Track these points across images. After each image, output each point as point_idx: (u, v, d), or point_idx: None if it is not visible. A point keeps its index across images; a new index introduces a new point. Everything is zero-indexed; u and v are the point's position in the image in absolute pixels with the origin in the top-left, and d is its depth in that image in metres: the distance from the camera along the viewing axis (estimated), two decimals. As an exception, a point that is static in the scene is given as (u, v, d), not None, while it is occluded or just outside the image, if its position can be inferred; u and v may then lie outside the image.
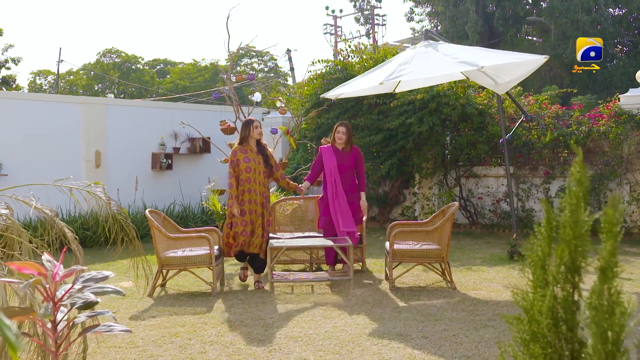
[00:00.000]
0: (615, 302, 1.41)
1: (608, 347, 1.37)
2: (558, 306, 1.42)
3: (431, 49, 8.11)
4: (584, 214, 1.44)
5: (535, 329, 1.44)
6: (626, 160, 10.99)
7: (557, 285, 1.42)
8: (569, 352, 1.40)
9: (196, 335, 5.61)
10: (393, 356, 4.94)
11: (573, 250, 1.42)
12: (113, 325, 2.46)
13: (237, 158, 7.60)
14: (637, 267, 8.42)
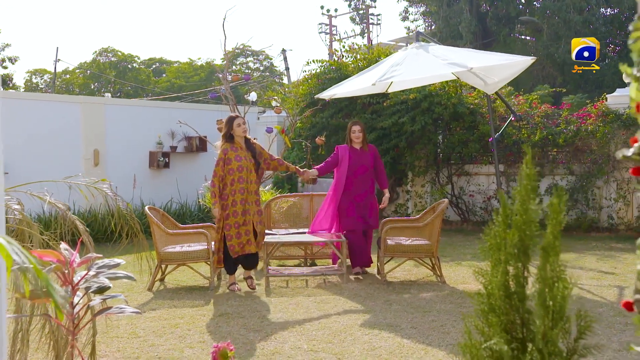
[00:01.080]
0: (558, 277, 1.66)
1: (550, 315, 1.62)
2: (510, 281, 1.67)
3: (422, 51, 8.35)
4: (532, 204, 1.69)
5: (492, 302, 1.69)
6: (613, 158, 11.27)
7: (510, 264, 1.68)
8: (520, 320, 1.65)
9: (195, 326, 5.86)
10: (383, 345, 5.19)
11: (523, 234, 1.67)
12: (124, 307, 2.71)
13: (228, 157, 7.28)
14: (621, 262, 8.69)
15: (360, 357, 4.89)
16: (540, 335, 1.61)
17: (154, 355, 5.02)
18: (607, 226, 11.46)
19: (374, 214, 8.10)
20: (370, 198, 8.08)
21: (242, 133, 7.37)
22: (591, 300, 6.60)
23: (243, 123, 7.43)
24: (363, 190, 8.02)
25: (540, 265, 1.66)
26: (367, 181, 8.06)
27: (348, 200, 7.99)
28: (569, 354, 1.66)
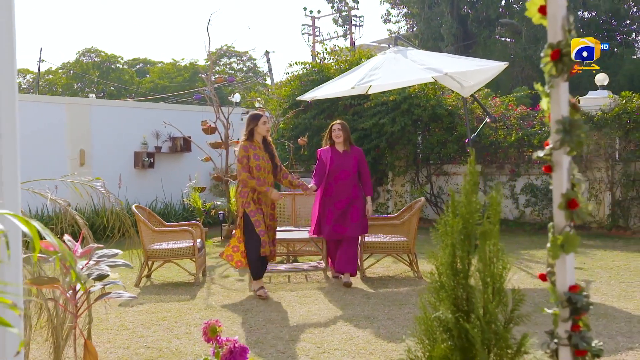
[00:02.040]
0: (496, 258, 1.95)
1: (490, 289, 1.91)
2: (457, 261, 1.97)
3: (400, 55, 8.67)
4: (474, 196, 1.99)
5: (442, 280, 1.98)
6: (585, 159, 11.66)
7: (456, 247, 1.97)
8: (465, 295, 1.94)
9: (182, 319, 6.13)
10: (360, 335, 5.49)
11: (466, 222, 1.97)
12: (122, 293, 2.99)
13: (248, 154, 6.90)
14: (590, 257, 9.06)
15: (338, 345, 5.19)
16: (480, 306, 1.92)
17: (142, 345, 5.28)
18: (580, 224, 11.82)
19: (356, 220, 7.48)
20: (352, 204, 7.47)
21: (265, 132, 7.06)
22: (559, 293, 6.94)
23: (268, 121, 7.17)
24: (345, 197, 7.46)
25: (480, 247, 1.96)
26: (350, 187, 7.49)
27: (327, 207, 7.54)
28: (506, 323, 1.96)
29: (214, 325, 2.47)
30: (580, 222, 1.74)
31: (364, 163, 7.62)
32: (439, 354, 1.93)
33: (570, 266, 1.71)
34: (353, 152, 7.59)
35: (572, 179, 1.70)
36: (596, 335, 5.26)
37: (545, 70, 1.68)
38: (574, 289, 1.69)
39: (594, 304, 6.07)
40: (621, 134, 11.35)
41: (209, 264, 8.99)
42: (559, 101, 1.69)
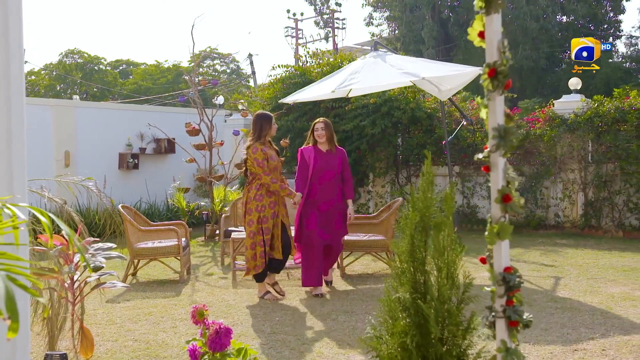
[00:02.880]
0: (449, 247, 2.23)
1: (443, 273, 2.19)
2: (415, 250, 2.24)
3: (379, 60, 8.96)
4: (430, 193, 2.27)
5: (403, 266, 2.26)
6: (559, 160, 12.03)
7: (415, 237, 2.24)
8: (422, 280, 2.22)
9: (167, 314, 6.37)
10: (338, 328, 5.77)
11: (423, 214, 2.24)
12: (116, 283, 3.24)
13: (266, 156, 6.79)
14: (562, 256, 9.41)
15: (317, 337, 5.46)
16: (435, 288, 2.19)
17: (130, 338, 5.52)
18: (554, 224, 12.22)
19: (341, 225, 7.22)
20: (337, 207, 7.16)
21: (274, 133, 7.13)
22: (529, 288, 7.27)
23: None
24: (329, 198, 7.09)
25: (434, 237, 2.24)
26: (335, 188, 7.15)
27: (310, 209, 7.07)
28: (458, 303, 2.24)
29: (201, 309, 2.73)
30: (513, 214, 2.02)
31: (346, 165, 7.32)
32: (399, 330, 2.20)
33: (505, 250, 1.99)
34: (338, 152, 7.27)
35: (507, 177, 1.98)
36: (560, 326, 5.59)
37: (484, 85, 1.96)
38: (508, 270, 1.98)
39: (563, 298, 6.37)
40: (593, 136, 11.72)
41: (193, 262, 9.23)
42: (495, 111, 1.97)
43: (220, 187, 12.39)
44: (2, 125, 2.20)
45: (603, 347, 4.97)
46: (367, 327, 2.48)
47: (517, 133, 1.93)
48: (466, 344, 2.20)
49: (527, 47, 28.69)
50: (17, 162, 2.32)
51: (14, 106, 2.26)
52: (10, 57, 2.19)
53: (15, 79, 2.32)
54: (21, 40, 2.37)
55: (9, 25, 2.28)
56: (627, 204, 11.40)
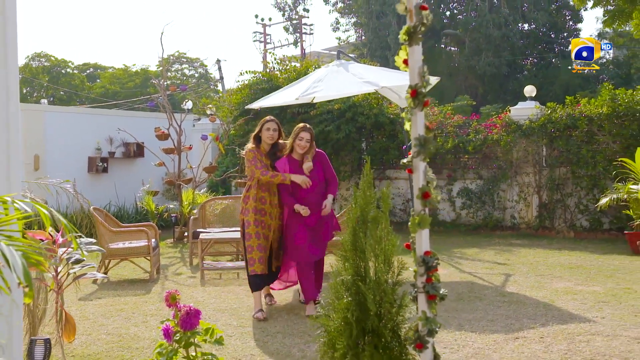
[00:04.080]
0: (385, 237, 2.63)
1: (380, 259, 2.60)
2: (357, 240, 2.64)
3: (342, 69, 9.39)
4: (370, 191, 2.67)
5: (346, 254, 2.65)
6: (515, 164, 12.60)
7: (356, 228, 2.64)
8: (362, 265, 2.62)
9: (138, 310, 6.70)
10: (302, 321, 6.16)
11: (363, 209, 2.64)
12: (96, 274, 3.59)
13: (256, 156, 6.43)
14: (515, 255, 9.93)
15: (281, 330, 5.85)
16: (372, 272, 2.59)
17: (103, 332, 5.84)
18: (510, 225, 12.78)
19: (328, 239, 6.58)
20: (325, 218, 6.45)
21: (267, 139, 6.45)
22: (481, 284, 7.75)
23: (273, 130, 6.48)
24: (316, 209, 6.35)
25: (372, 229, 2.64)
26: (319, 197, 6.41)
27: (297, 224, 6.35)
28: (393, 285, 2.65)
29: (174, 294, 3.10)
30: (432, 209, 2.43)
31: (328, 166, 6.60)
32: (342, 307, 2.60)
33: (425, 237, 2.40)
34: (315, 157, 6.49)
35: (427, 178, 2.39)
36: (505, 318, 6.07)
37: (407, 103, 2.37)
38: (427, 253, 2.39)
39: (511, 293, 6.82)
40: (547, 141, 12.31)
41: (162, 262, 9.55)
42: (416, 124, 2.38)
43: (188, 190, 12.71)
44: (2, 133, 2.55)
45: (541, 335, 5.44)
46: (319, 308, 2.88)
47: (435, 142, 2.34)
48: (400, 319, 2.61)
49: (490, 54, 29.48)
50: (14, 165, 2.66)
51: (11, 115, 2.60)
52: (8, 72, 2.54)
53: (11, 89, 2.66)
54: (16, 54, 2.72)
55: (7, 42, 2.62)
56: (578, 206, 11.99)
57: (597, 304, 6.53)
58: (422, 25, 2.29)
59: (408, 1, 2.32)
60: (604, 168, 11.29)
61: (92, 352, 5.22)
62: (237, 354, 5.10)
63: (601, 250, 10.10)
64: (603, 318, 5.96)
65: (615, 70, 30.18)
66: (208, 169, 12.79)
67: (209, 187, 15.10)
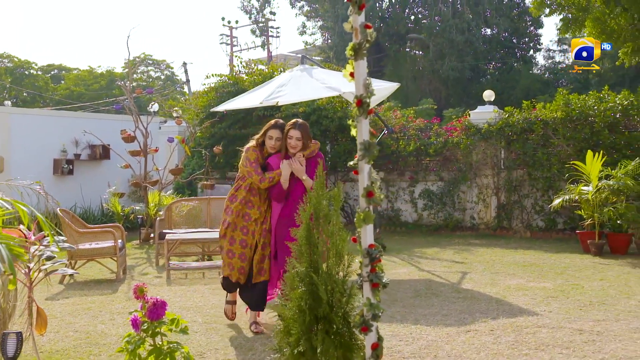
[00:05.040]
0: (336, 233, 2.88)
1: (331, 254, 2.85)
2: (311, 235, 2.89)
3: (306, 74, 9.64)
4: (322, 191, 2.92)
5: (301, 248, 2.90)
6: (475, 166, 13.00)
7: (310, 225, 2.89)
8: (315, 257, 2.86)
9: (105, 308, 6.86)
10: (264, 318, 6.39)
11: (316, 207, 2.89)
12: (66, 270, 3.77)
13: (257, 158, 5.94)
14: (473, 254, 10.29)
15: (245, 325, 6.06)
16: (325, 265, 2.85)
17: (71, 330, 6.00)
18: (470, 225, 13.18)
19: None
20: None
21: (270, 149, 5.88)
22: (438, 282, 8.07)
23: (277, 139, 5.83)
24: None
25: (324, 225, 2.89)
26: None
27: (285, 231, 5.49)
28: (344, 277, 2.91)
29: (141, 287, 3.31)
30: (375, 206, 2.69)
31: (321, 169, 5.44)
32: (297, 296, 2.85)
33: (369, 232, 2.66)
34: (311, 161, 5.90)
35: (371, 179, 2.65)
36: (459, 312, 6.37)
37: (353, 112, 2.63)
38: (372, 246, 2.65)
39: (466, 289, 7.13)
40: (504, 144, 12.75)
41: (128, 263, 9.69)
42: (361, 131, 2.64)
43: (154, 192, 12.84)
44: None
45: (491, 328, 5.75)
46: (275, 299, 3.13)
47: (377, 147, 2.60)
48: (349, 307, 2.87)
49: (453, 59, 30.03)
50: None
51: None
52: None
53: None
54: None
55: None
56: (534, 207, 12.43)
57: (545, 299, 6.88)
58: (366, 42, 2.55)
59: (354, 20, 2.59)
60: (559, 170, 11.73)
61: (60, 349, 5.38)
62: (202, 349, 5.31)
63: (555, 249, 10.52)
64: (550, 312, 6.31)
65: (573, 75, 30.96)
66: (174, 171, 12.94)
67: (175, 189, 15.23)
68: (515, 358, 4.89)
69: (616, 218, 9.86)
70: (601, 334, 5.47)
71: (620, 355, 4.86)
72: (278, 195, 5.84)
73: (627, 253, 10.00)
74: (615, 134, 11.48)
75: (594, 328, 5.65)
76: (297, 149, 5.81)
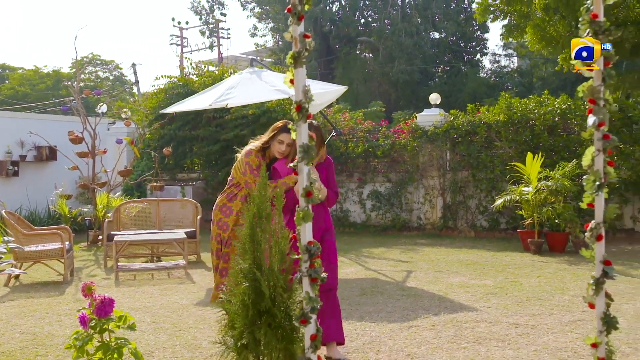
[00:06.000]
0: (278, 231, 3.03)
1: (274, 252, 2.99)
2: (254, 233, 3.02)
3: (255, 76, 9.76)
4: (265, 191, 3.06)
5: (246, 246, 3.03)
6: (421, 168, 13.31)
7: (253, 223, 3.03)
8: (258, 255, 3.00)
9: (52, 310, 6.84)
10: (213, 317, 6.44)
11: (259, 207, 3.03)
12: (14, 269, 3.81)
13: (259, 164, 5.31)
14: (418, 253, 10.56)
15: (193, 325, 6.15)
16: (268, 261, 2.99)
17: (17, 332, 5.98)
18: (417, 226, 13.49)
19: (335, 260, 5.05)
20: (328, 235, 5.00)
21: (277, 154, 5.20)
22: (384, 280, 8.29)
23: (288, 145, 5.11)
24: (318, 226, 4.62)
25: (266, 224, 3.04)
26: (321, 212, 4.90)
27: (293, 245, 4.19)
28: (285, 273, 3.05)
29: (90, 285, 3.39)
30: (314, 204, 2.84)
31: (332, 176, 5.15)
32: (241, 292, 2.99)
33: (308, 229, 2.81)
34: (323, 165, 5.11)
35: (310, 179, 2.80)
36: (403, 309, 6.58)
37: (294, 117, 2.78)
38: (310, 243, 2.80)
39: (410, 287, 7.35)
40: (450, 146, 13.10)
41: (76, 265, 9.64)
42: (301, 134, 2.79)
43: (103, 194, 12.75)
44: None
45: (433, 324, 5.98)
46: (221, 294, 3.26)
47: (315, 150, 2.76)
48: (291, 301, 3.02)
49: (403, 62, 30.50)
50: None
51: None
52: None
53: None
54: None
55: None
56: (478, 207, 12.81)
57: (485, 295, 7.16)
58: (305, 50, 2.70)
59: (293, 30, 2.74)
60: (501, 171, 12.11)
61: (6, 350, 5.37)
62: (150, 348, 5.38)
63: (497, 248, 10.88)
64: (489, 307, 6.57)
65: (519, 79, 31.81)
66: (123, 173, 12.88)
67: (124, 190, 15.12)
68: (454, 351, 5.11)
69: (554, 218, 10.25)
70: (535, 327, 5.74)
71: (552, 347, 5.13)
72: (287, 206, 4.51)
73: (565, 251, 10.41)
74: (554, 136, 11.93)
75: (529, 322, 5.93)
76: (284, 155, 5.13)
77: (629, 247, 10.84)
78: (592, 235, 2.62)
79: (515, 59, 35.61)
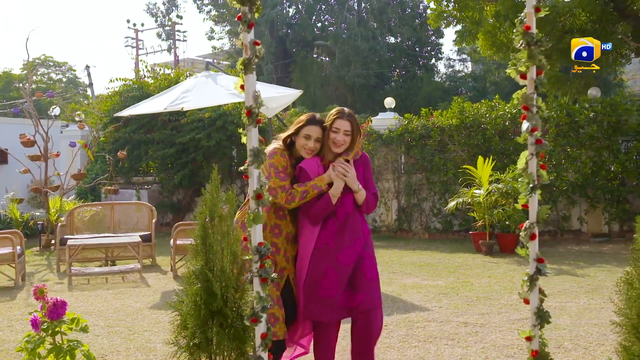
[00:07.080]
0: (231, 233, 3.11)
1: (225, 253, 3.07)
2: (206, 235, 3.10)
3: (210, 80, 9.77)
4: (217, 193, 3.13)
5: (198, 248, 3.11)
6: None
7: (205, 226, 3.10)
8: (210, 256, 3.08)
9: (3, 315, 6.76)
10: (166, 319, 6.40)
11: (211, 210, 3.10)
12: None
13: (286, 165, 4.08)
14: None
15: (147, 328, 6.16)
16: (220, 262, 3.07)
17: (-32, 337, 5.91)
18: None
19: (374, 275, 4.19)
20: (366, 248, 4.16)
21: (303, 153, 4.07)
22: (338, 282, 8.40)
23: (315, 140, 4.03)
24: (353, 239, 4.05)
25: (218, 225, 3.11)
26: (359, 222, 4.12)
27: (325, 264, 3.92)
28: (238, 274, 3.13)
29: (42, 288, 3.41)
30: (265, 206, 2.92)
31: (370, 175, 4.22)
32: (193, 292, 3.05)
33: (259, 231, 2.89)
34: (358, 162, 4.16)
35: (260, 182, 2.88)
36: (356, 310, 6.69)
37: (244, 121, 2.86)
38: (261, 244, 2.88)
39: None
40: (404, 150, 13.32)
41: (28, 270, 9.50)
42: (251, 139, 2.87)
43: (56, 198, 12.58)
44: None
45: (385, 324, 6.04)
46: (173, 296, 3.31)
47: (265, 154, 2.84)
48: (243, 302, 3.09)
49: (359, 66, 30.78)
50: None
51: None
52: None
53: None
54: None
55: None
56: (432, 210, 13.05)
57: (437, 295, 7.33)
58: (255, 57, 2.78)
59: (243, 37, 2.81)
60: (454, 174, 12.37)
61: (-44, 356, 5.32)
62: (104, 351, 5.38)
63: (450, 250, 11.11)
64: (440, 307, 6.74)
65: (472, 84, 32.40)
66: (76, 176, 12.73)
67: (77, 194, 14.94)
68: (405, 350, 5.25)
69: (505, 219, 10.52)
70: (484, 325, 5.92)
71: (499, 344, 5.31)
72: (319, 215, 3.95)
73: (515, 252, 10.69)
74: (505, 140, 12.24)
75: (478, 321, 6.11)
76: (344, 147, 4.03)
77: (576, 247, 11.19)
78: (527, 235, 2.76)
79: (469, 63, 36.28)
